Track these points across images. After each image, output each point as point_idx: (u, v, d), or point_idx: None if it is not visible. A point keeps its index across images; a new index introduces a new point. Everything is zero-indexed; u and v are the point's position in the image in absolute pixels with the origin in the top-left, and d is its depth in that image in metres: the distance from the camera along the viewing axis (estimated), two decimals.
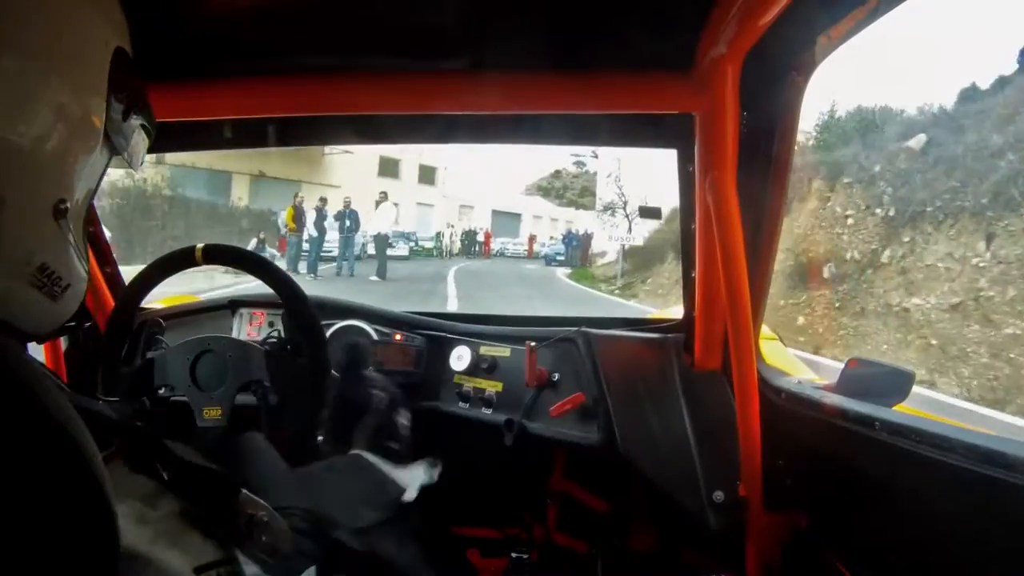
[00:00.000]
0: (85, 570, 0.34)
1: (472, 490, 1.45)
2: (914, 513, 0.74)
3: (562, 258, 24.23)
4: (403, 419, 1.01)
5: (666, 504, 1.10)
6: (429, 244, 24.61)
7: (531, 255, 29.51)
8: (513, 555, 1.34)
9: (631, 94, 0.99)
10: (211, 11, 0.83)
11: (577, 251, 24.31)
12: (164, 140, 1.21)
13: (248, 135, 1.18)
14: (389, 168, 28.11)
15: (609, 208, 19.64)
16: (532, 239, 31.55)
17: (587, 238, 24.57)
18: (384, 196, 12.86)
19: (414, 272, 14.81)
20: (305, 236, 13.02)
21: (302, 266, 12.21)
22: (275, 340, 1.07)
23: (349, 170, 24.14)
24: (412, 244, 22.52)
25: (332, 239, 13.62)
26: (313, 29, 0.88)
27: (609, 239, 18.07)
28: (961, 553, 0.66)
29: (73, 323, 1.16)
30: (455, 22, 0.86)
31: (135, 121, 0.54)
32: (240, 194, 20.71)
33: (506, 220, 36.10)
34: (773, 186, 0.99)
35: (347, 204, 13.61)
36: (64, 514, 0.32)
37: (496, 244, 30.24)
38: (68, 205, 0.47)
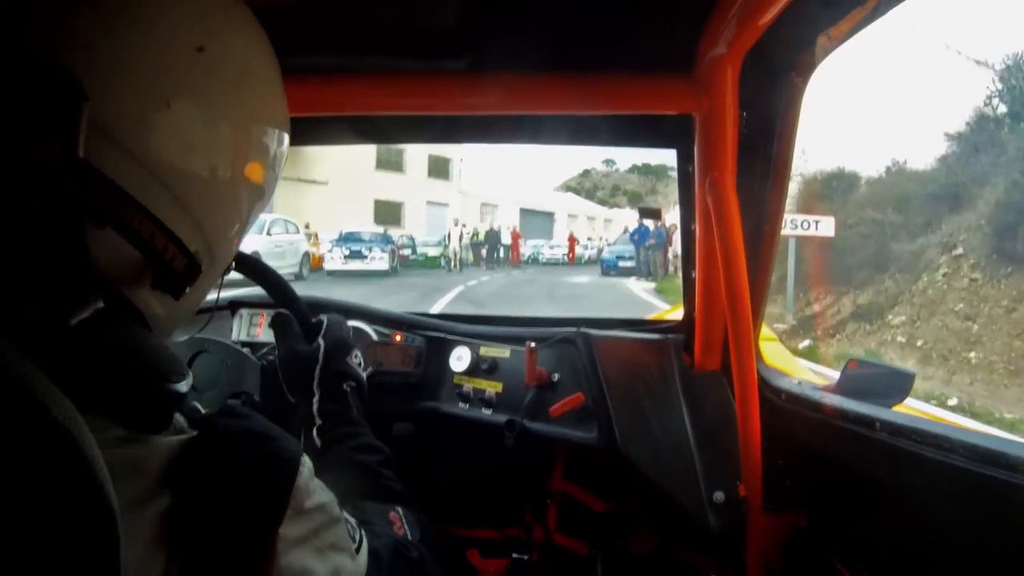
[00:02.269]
0: (86, 574, 0.34)
1: (472, 490, 1.44)
2: (914, 513, 0.74)
3: (628, 264, 16.33)
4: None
5: (666, 504, 1.09)
6: (435, 251, 18.77)
7: (573, 261, 22.61)
8: (514, 556, 1.34)
9: (630, 95, 0.99)
10: None
11: (655, 253, 15.04)
12: None
13: None
14: (390, 159, 23.16)
15: None
16: (573, 240, 24.45)
17: (672, 231, 14.64)
18: None
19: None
20: None
21: None
22: (273, 358, 1.07)
23: (339, 161, 19.74)
24: (409, 251, 17.76)
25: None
26: (313, 29, 0.88)
27: None
28: (961, 553, 0.66)
29: None
30: (455, 23, 0.86)
31: None
32: None
33: (537, 219, 31.53)
34: (773, 186, 0.99)
35: None
36: (64, 517, 0.32)
37: (527, 248, 23.83)
38: (235, 262, 0.57)
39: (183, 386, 0.44)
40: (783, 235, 7.83)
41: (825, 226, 8.10)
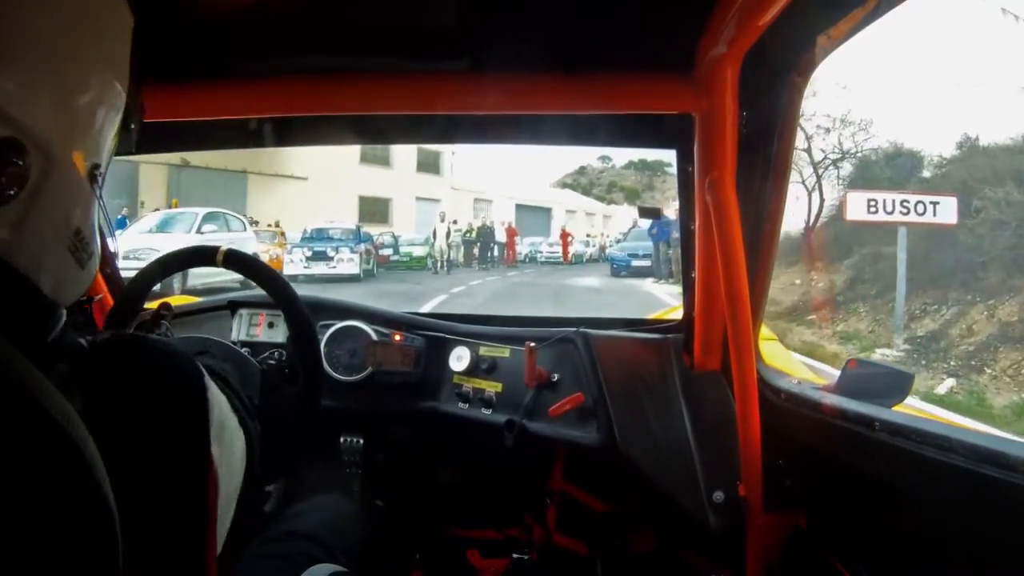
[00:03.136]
0: (86, 573, 0.33)
1: (472, 491, 1.45)
2: (914, 513, 0.74)
3: (644, 263, 14.15)
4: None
5: (666, 504, 1.09)
6: (421, 250, 16.38)
7: (567, 259, 20.56)
8: (514, 556, 1.34)
9: (630, 95, 0.99)
10: (210, 11, 0.83)
11: (675, 250, 12.22)
12: (163, 139, 1.22)
13: (246, 135, 1.18)
14: (376, 153, 21.32)
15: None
16: (567, 237, 21.75)
17: None
18: None
19: None
20: None
21: None
22: (274, 362, 1.07)
23: (319, 155, 17.81)
24: (390, 251, 15.72)
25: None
26: (313, 29, 0.88)
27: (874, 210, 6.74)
28: (961, 553, 0.66)
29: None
30: (455, 23, 0.86)
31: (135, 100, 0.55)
32: (150, 193, 14.18)
33: (533, 216, 29.80)
34: (773, 186, 0.99)
35: None
36: (64, 516, 0.32)
37: (524, 246, 21.55)
38: (101, 172, 0.48)
39: (55, 323, 0.42)
40: (893, 222, 6.53)
41: (945, 210, 6.38)
